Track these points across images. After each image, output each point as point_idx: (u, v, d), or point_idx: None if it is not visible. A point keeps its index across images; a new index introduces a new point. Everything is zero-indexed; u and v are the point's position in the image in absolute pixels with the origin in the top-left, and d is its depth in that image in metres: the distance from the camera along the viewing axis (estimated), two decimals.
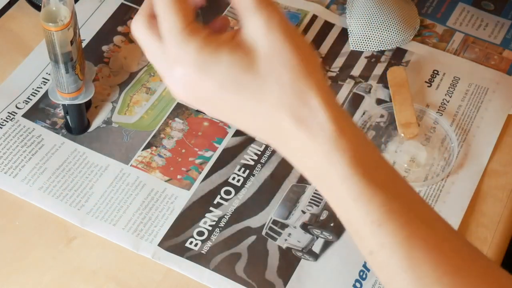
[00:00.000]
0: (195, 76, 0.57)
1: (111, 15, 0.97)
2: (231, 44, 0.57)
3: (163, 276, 0.76)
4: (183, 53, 0.57)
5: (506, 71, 0.93)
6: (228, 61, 0.56)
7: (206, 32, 0.57)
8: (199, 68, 0.57)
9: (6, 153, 0.84)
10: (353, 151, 0.55)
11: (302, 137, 0.56)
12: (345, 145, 0.55)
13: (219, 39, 0.57)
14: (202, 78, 0.57)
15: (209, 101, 0.59)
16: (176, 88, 0.59)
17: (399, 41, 0.94)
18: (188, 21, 0.57)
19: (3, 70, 0.91)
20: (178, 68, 0.57)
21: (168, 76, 0.59)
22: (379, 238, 0.55)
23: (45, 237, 0.78)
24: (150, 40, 0.59)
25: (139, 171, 0.83)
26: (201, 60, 0.56)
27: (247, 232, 0.79)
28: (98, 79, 0.91)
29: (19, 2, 0.98)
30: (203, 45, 0.57)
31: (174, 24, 0.57)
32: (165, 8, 0.58)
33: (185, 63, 0.57)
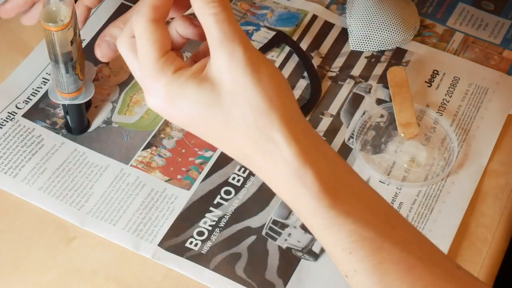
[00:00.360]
0: (165, 107, 0.59)
1: (111, 15, 0.97)
2: (198, 79, 0.58)
3: (163, 276, 0.76)
4: (154, 85, 0.59)
5: (506, 71, 0.93)
6: (194, 97, 0.58)
7: (177, 64, 0.59)
8: (168, 101, 0.58)
9: (6, 153, 0.84)
10: (320, 182, 0.56)
11: (270, 169, 0.58)
12: (311, 179, 0.56)
13: (187, 72, 0.58)
14: (172, 110, 0.59)
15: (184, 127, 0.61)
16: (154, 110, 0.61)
17: (399, 41, 0.94)
18: (163, 51, 0.59)
19: (3, 70, 0.91)
20: (150, 99, 0.59)
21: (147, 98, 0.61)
22: (351, 265, 0.56)
23: (45, 237, 0.78)
24: (131, 60, 0.61)
25: (139, 171, 0.83)
26: (169, 94, 0.58)
27: (247, 232, 0.79)
28: (98, 79, 0.91)
29: None
30: (173, 79, 0.58)
31: (149, 53, 0.59)
32: (142, 36, 0.59)
33: (156, 95, 0.59)
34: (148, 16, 0.59)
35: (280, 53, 0.94)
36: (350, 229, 0.56)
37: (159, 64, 0.59)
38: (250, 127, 0.57)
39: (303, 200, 0.57)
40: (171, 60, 0.59)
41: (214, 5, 0.57)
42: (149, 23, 0.59)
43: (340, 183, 0.58)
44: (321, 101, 0.89)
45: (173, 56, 0.59)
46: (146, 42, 0.59)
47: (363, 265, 0.56)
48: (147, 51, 0.59)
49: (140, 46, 0.60)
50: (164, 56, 0.59)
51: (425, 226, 0.79)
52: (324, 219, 0.56)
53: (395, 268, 0.56)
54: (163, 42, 0.59)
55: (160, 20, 0.60)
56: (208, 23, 0.57)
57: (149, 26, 0.59)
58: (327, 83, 0.91)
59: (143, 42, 0.59)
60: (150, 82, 0.59)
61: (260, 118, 0.57)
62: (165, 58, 0.59)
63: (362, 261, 0.56)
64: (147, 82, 0.59)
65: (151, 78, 0.59)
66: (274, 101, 0.57)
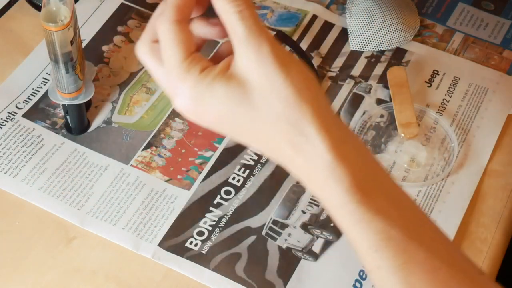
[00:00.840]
0: (194, 108, 0.58)
1: (111, 15, 0.97)
2: (225, 76, 0.58)
3: (163, 276, 0.76)
4: (181, 86, 0.58)
5: (506, 71, 0.93)
6: (223, 94, 0.57)
7: (203, 64, 0.58)
8: (196, 101, 0.58)
9: (6, 153, 0.84)
10: (351, 177, 0.56)
11: (301, 163, 0.57)
12: (343, 173, 0.56)
13: (214, 70, 0.58)
14: (200, 110, 0.58)
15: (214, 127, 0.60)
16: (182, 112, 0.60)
17: (399, 41, 0.94)
18: (188, 52, 0.59)
19: (3, 70, 0.91)
20: (178, 99, 0.59)
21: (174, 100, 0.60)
22: (376, 262, 0.56)
23: (45, 237, 0.78)
24: (155, 66, 0.61)
25: (139, 171, 0.83)
26: (197, 94, 0.58)
27: (247, 232, 0.79)
28: (98, 79, 0.91)
29: (19, 2, 0.98)
30: (200, 79, 0.58)
31: (175, 55, 0.58)
32: (166, 38, 0.59)
33: (184, 96, 0.58)
34: (172, 18, 0.59)
35: None
36: (378, 227, 0.55)
37: (185, 65, 0.58)
38: (280, 120, 0.57)
39: (334, 194, 0.56)
40: (197, 60, 0.59)
41: (238, 3, 0.57)
42: (173, 24, 0.59)
43: (371, 179, 0.57)
44: None
45: (198, 57, 0.59)
46: (171, 44, 0.59)
47: (388, 263, 0.56)
48: (172, 53, 0.59)
49: (165, 48, 0.59)
50: (189, 57, 0.59)
51: None
52: (353, 215, 0.56)
53: (419, 269, 0.56)
54: (188, 44, 0.59)
55: (184, 21, 0.60)
56: (233, 21, 0.57)
57: (174, 27, 0.59)
58: (327, 83, 0.91)
59: (168, 44, 0.59)
60: (176, 84, 0.59)
61: (290, 111, 0.56)
62: (191, 59, 0.59)
63: (387, 260, 0.56)
64: (173, 85, 0.59)
65: (177, 79, 0.59)
66: (304, 94, 0.57)
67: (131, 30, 0.96)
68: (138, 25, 0.96)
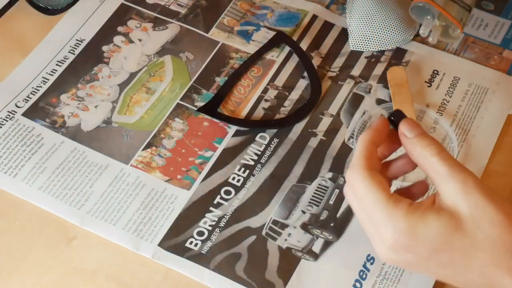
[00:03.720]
0: (405, 241, 0.62)
1: (111, 15, 0.97)
2: (435, 209, 0.62)
3: (163, 276, 0.76)
4: (392, 222, 0.62)
5: (506, 71, 0.93)
6: (437, 225, 0.61)
7: (408, 201, 0.63)
8: (409, 233, 0.62)
9: (6, 152, 0.84)
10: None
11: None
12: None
13: (422, 205, 0.63)
14: (413, 242, 0.62)
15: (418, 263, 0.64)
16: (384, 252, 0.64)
17: (399, 41, 0.94)
18: (388, 194, 0.63)
19: (3, 70, 0.91)
20: (388, 235, 0.62)
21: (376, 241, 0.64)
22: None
23: (45, 237, 0.78)
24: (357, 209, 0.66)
25: (139, 171, 0.83)
26: (410, 226, 0.62)
27: (247, 232, 0.79)
28: (98, 79, 0.91)
29: (19, 2, 0.98)
30: (410, 212, 0.62)
31: (378, 199, 0.63)
32: (365, 186, 0.64)
33: (395, 231, 0.62)
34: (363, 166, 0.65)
35: (280, 53, 0.94)
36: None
37: (391, 202, 0.63)
38: (496, 246, 0.60)
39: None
40: (400, 198, 0.63)
41: (434, 147, 0.64)
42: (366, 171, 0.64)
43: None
44: (321, 101, 0.89)
45: (399, 197, 0.64)
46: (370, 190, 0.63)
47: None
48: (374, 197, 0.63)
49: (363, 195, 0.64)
50: (392, 197, 0.63)
51: None
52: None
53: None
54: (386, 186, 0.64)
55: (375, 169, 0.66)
56: (433, 162, 0.63)
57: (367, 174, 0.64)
58: (327, 83, 0.91)
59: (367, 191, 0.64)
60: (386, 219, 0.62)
61: (505, 235, 0.60)
62: (394, 198, 0.63)
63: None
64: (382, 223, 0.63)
65: (388, 215, 0.62)
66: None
67: (131, 30, 0.96)
68: (138, 25, 0.96)
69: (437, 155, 0.64)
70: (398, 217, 0.62)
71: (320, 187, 0.82)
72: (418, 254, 0.62)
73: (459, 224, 0.61)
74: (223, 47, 0.94)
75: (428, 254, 0.62)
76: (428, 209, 0.62)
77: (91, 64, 0.92)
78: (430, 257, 0.62)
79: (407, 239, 0.62)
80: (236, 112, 0.88)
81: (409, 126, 0.66)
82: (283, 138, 0.86)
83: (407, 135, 0.66)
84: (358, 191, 0.64)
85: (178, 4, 0.99)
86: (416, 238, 0.61)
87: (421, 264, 0.64)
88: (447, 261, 0.62)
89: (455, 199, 0.61)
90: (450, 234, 0.61)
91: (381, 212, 0.63)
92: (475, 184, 0.62)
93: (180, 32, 0.96)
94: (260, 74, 0.92)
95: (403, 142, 0.67)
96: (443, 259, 0.62)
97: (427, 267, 0.64)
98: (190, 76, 0.91)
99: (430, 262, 0.63)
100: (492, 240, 0.60)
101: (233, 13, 0.98)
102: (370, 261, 0.76)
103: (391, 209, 0.62)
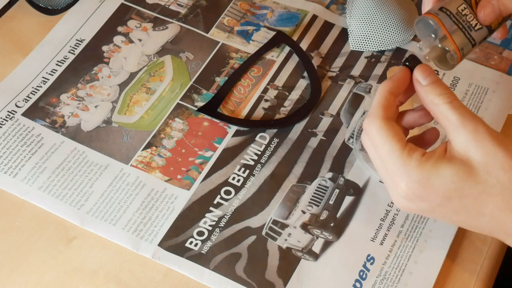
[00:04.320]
0: (419, 191, 0.64)
1: (111, 15, 0.97)
2: (447, 158, 0.64)
3: (163, 276, 0.76)
4: (406, 172, 0.64)
5: (506, 71, 0.93)
6: (449, 173, 0.63)
7: (421, 151, 0.65)
8: (422, 183, 0.64)
9: (6, 152, 0.84)
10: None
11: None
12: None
13: (434, 154, 0.65)
14: (427, 191, 0.64)
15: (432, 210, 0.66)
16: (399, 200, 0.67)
17: (399, 41, 0.94)
18: (403, 144, 0.65)
19: (3, 70, 0.91)
20: (402, 184, 0.64)
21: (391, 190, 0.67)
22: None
23: (45, 237, 0.78)
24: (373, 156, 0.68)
25: (139, 171, 0.83)
26: (423, 176, 0.64)
27: (247, 232, 0.79)
28: (98, 79, 0.91)
29: (19, 2, 0.98)
30: (423, 162, 0.64)
31: (393, 147, 0.65)
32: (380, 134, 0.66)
33: (409, 180, 0.64)
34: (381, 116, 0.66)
35: (280, 53, 0.94)
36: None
37: (405, 153, 0.64)
38: (506, 190, 0.62)
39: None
40: (415, 148, 0.65)
41: (447, 96, 0.66)
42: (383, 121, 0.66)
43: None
44: (321, 101, 0.89)
45: (414, 146, 0.65)
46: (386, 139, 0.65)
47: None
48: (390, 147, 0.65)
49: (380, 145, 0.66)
50: (406, 146, 0.65)
51: (425, 226, 0.79)
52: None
53: None
54: (401, 135, 0.66)
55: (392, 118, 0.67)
56: (445, 110, 0.65)
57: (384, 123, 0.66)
58: (327, 83, 0.91)
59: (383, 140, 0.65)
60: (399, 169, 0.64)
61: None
62: (408, 147, 0.65)
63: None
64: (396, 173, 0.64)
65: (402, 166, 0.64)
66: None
67: (131, 30, 0.96)
68: (138, 25, 0.96)
69: (449, 103, 0.65)
70: (411, 167, 0.64)
71: (320, 187, 0.82)
72: (431, 202, 0.64)
73: (471, 171, 0.63)
74: (223, 47, 0.94)
75: (441, 201, 0.64)
76: (440, 158, 0.64)
77: (91, 64, 0.92)
78: (443, 204, 0.64)
79: (421, 189, 0.63)
80: (236, 112, 0.88)
81: (424, 72, 0.68)
82: (283, 138, 0.86)
83: (421, 82, 0.67)
84: (375, 140, 0.66)
85: (178, 4, 0.99)
86: (429, 187, 0.63)
87: (435, 211, 0.65)
88: (459, 207, 0.64)
89: (466, 147, 0.63)
90: (462, 181, 0.63)
91: (396, 163, 0.64)
92: (485, 132, 0.63)
93: (180, 32, 0.96)
94: (260, 74, 0.92)
95: (417, 88, 0.68)
96: (456, 206, 0.64)
97: (441, 213, 0.66)
98: (190, 76, 0.91)
99: (443, 209, 0.65)
100: (503, 185, 0.62)
101: (233, 13, 0.98)
102: (370, 261, 0.76)
103: (405, 160, 0.64)
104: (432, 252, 0.77)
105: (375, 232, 0.78)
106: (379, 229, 0.78)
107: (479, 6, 0.70)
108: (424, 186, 0.64)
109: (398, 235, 0.78)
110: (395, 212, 0.80)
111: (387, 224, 0.79)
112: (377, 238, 0.78)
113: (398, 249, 0.77)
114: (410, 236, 0.78)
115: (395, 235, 0.78)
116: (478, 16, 0.70)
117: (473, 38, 0.70)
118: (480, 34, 0.71)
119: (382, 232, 0.78)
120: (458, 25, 0.70)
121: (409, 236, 0.78)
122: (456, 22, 0.70)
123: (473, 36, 0.71)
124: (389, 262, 0.76)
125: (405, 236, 0.78)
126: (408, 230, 0.78)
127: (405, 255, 0.77)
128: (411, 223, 0.79)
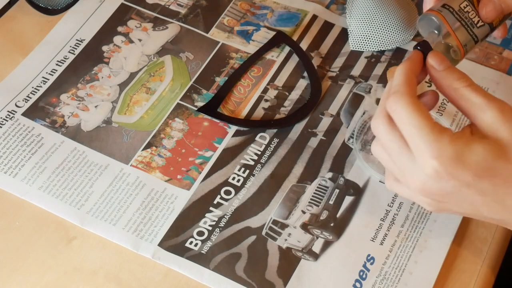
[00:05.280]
0: (452, 167, 0.62)
1: (111, 15, 0.97)
2: (477, 137, 0.63)
3: (163, 276, 0.76)
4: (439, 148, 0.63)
5: (506, 71, 0.93)
6: (482, 151, 0.62)
7: (450, 130, 0.64)
8: (455, 159, 0.62)
9: (6, 152, 0.84)
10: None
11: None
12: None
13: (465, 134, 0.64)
14: (459, 167, 0.62)
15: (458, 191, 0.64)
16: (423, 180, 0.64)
17: (399, 41, 0.94)
18: (433, 121, 0.64)
19: (3, 69, 0.91)
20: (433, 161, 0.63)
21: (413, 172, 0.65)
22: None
23: (45, 237, 0.78)
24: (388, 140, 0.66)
25: (139, 171, 0.83)
26: (458, 151, 0.63)
27: (247, 232, 0.79)
28: (98, 79, 0.91)
29: (19, 2, 0.98)
30: (455, 138, 0.63)
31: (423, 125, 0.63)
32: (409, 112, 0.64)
33: (441, 155, 0.62)
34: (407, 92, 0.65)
35: (280, 53, 0.94)
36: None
37: (437, 128, 0.63)
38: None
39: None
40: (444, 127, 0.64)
41: (465, 79, 0.66)
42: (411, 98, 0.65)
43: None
44: (321, 101, 0.89)
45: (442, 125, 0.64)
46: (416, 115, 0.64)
47: None
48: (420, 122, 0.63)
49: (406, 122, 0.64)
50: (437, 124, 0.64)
51: (425, 226, 0.79)
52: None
53: None
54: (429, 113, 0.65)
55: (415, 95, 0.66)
56: (467, 93, 0.65)
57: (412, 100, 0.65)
58: (327, 83, 0.91)
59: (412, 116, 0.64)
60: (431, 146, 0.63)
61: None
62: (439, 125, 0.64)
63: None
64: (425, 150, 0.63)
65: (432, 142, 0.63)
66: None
67: (131, 30, 0.96)
68: (138, 25, 0.96)
69: (469, 86, 0.65)
70: (444, 143, 0.63)
71: (320, 187, 0.82)
72: (461, 181, 0.63)
73: (503, 150, 0.62)
74: (223, 47, 0.94)
75: (471, 180, 0.63)
76: (471, 137, 0.63)
77: (91, 64, 0.92)
78: (472, 183, 0.63)
79: (454, 165, 0.62)
80: (236, 112, 0.88)
81: (438, 58, 0.68)
82: (283, 138, 0.86)
83: (436, 68, 0.67)
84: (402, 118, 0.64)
85: (178, 4, 0.99)
86: (462, 163, 0.62)
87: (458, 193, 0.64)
88: (488, 187, 0.63)
89: (495, 126, 0.63)
90: (495, 159, 0.62)
91: (426, 139, 0.63)
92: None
93: (180, 32, 0.96)
94: (260, 74, 0.92)
95: (432, 74, 0.68)
96: (485, 185, 0.63)
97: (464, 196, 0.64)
98: (190, 76, 0.91)
99: (469, 190, 0.64)
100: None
101: (233, 13, 0.98)
102: (370, 261, 0.76)
103: (437, 136, 0.63)
104: (432, 252, 0.77)
105: (375, 232, 0.78)
106: (379, 229, 0.78)
107: (480, 3, 0.70)
108: (457, 162, 0.62)
109: (398, 235, 0.78)
110: (395, 212, 0.80)
111: (387, 224, 0.79)
112: (377, 238, 0.78)
113: (398, 249, 0.77)
114: (410, 236, 0.78)
115: (395, 235, 0.78)
116: (480, 13, 0.71)
117: (475, 35, 0.71)
118: (482, 31, 0.71)
119: (382, 232, 0.78)
120: (461, 22, 0.70)
121: (409, 236, 0.78)
122: (459, 19, 0.70)
123: (476, 32, 0.71)
124: (389, 262, 0.76)
125: (405, 236, 0.78)
126: (408, 230, 0.78)
127: (405, 255, 0.77)
128: (411, 223, 0.79)
